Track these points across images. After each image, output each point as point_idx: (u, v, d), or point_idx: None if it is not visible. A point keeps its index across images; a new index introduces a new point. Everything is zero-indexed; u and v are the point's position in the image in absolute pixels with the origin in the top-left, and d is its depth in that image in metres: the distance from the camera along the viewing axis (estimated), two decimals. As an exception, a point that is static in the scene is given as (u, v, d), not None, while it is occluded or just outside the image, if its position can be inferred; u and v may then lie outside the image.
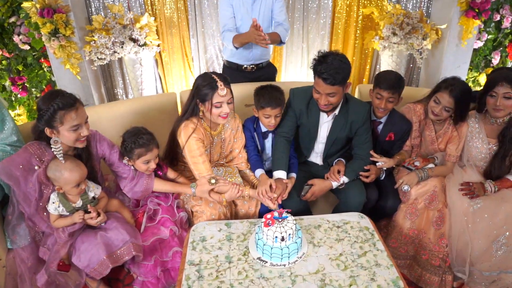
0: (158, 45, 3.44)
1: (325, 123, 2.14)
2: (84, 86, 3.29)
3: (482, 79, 3.78)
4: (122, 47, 3.15)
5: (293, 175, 2.16)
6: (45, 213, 1.77)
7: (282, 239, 1.59)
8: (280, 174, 2.05)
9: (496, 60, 3.70)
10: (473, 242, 1.92)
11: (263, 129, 2.24)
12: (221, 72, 2.73)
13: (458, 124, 2.15)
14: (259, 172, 2.13)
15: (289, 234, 1.60)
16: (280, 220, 1.65)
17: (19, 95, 3.49)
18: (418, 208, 2.10)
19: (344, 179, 2.10)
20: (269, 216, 1.67)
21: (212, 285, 1.53)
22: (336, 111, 2.09)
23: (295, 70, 3.88)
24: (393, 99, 2.12)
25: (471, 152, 2.15)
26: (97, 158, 1.91)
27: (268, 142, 2.27)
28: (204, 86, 1.90)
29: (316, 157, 2.31)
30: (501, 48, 3.69)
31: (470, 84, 3.75)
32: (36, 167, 1.68)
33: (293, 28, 3.65)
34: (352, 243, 1.75)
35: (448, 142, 2.19)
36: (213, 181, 1.90)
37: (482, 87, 2.11)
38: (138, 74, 3.36)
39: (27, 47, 3.22)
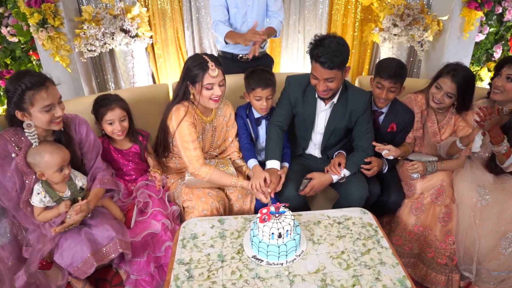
0: (151, 37, 3.34)
1: (323, 112, 2.04)
2: (74, 80, 3.21)
3: (484, 73, 3.71)
4: (112, 38, 3.05)
5: (286, 164, 2.11)
6: (29, 208, 1.69)
7: (279, 236, 1.49)
8: (273, 164, 2.00)
9: (497, 53, 3.65)
10: (480, 239, 1.87)
11: (256, 115, 2.18)
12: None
13: (463, 113, 2.07)
14: (253, 162, 2.07)
15: (287, 231, 1.51)
16: (277, 215, 1.55)
17: (7, 89, 3.38)
18: (424, 203, 2.02)
19: (345, 172, 2.01)
20: (265, 211, 1.56)
21: (203, 285, 1.43)
22: (335, 99, 1.99)
23: (291, 62, 3.83)
24: (395, 89, 2.03)
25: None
26: (78, 143, 1.82)
27: (262, 130, 2.21)
28: (195, 66, 1.84)
29: (314, 149, 2.22)
30: (503, 42, 3.64)
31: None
32: (13, 155, 1.61)
33: (290, 19, 3.60)
34: (354, 240, 1.66)
35: (457, 135, 2.10)
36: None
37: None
38: (129, 67, 3.27)
39: (15, 39, 3.13)
